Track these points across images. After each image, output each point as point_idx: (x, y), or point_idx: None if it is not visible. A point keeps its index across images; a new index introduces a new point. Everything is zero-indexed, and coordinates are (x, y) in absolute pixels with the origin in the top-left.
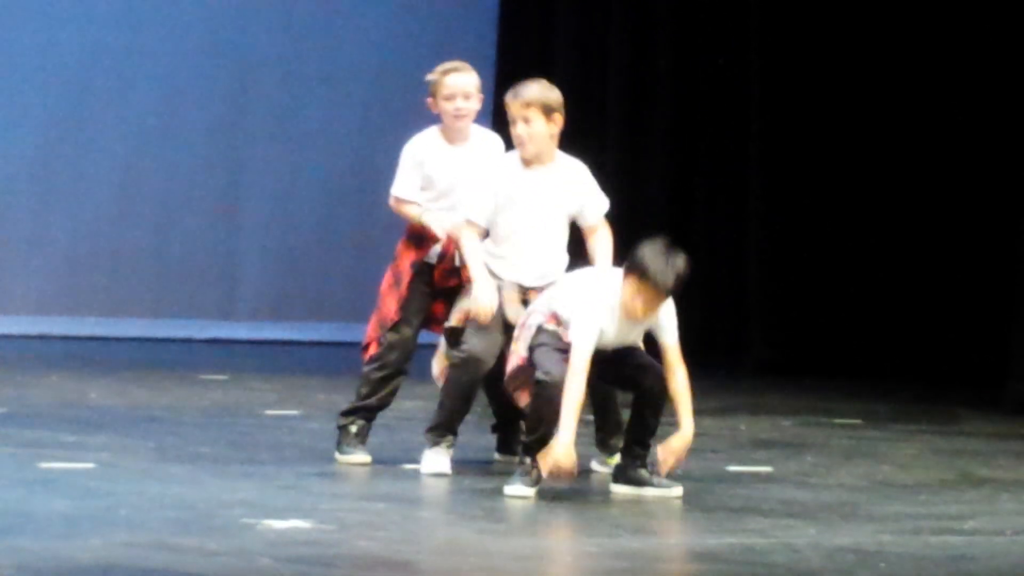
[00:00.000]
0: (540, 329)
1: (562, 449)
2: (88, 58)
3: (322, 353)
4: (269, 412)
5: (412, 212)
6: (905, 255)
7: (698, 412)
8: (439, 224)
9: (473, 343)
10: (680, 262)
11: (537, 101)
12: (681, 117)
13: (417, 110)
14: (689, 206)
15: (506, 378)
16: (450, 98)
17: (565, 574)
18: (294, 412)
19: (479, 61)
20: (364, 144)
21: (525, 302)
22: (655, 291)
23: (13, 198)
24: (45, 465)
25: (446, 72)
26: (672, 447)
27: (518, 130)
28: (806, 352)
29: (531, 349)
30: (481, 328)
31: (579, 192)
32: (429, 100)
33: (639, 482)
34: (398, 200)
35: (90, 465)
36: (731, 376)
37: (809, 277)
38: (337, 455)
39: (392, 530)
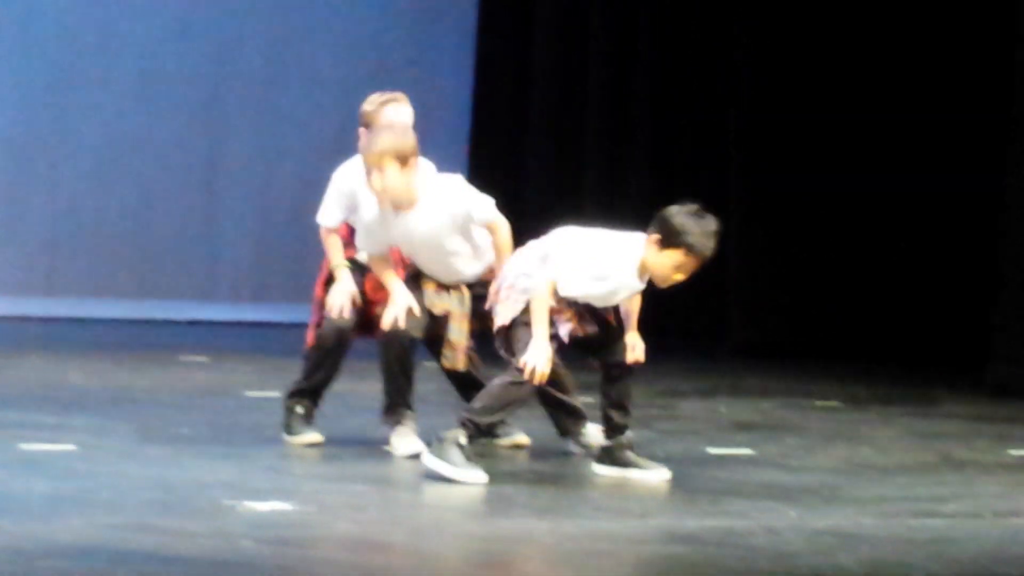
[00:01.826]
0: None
1: (544, 352)
2: (66, 39)
3: (302, 334)
4: (250, 393)
5: (332, 256)
6: (886, 238)
7: (679, 394)
8: (339, 288)
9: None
10: (714, 225)
11: (390, 150)
12: (662, 100)
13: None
14: (670, 189)
15: (495, 336)
16: (390, 127)
17: (546, 556)
18: (274, 393)
19: (458, 59)
20: (343, 125)
21: (446, 287)
22: (698, 260)
23: None
24: (26, 447)
25: (384, 103)
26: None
27: (373, 182)
28: (786, 334)
29: (515, 324)
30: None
31: (457, 210)
32: (361, 130)
33: (625, 464)
34: (325, 230)
35: (71, 446)
36: (711, 358)
37: (789, 260)
38: (286, 437)
39: (373, 511)
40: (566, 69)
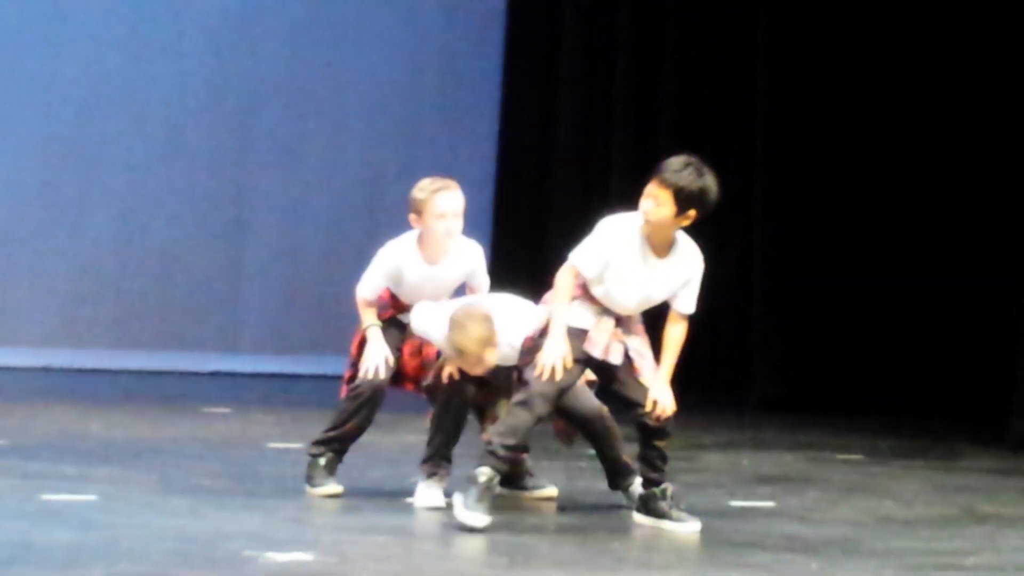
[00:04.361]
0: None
1: (560, 348)
2: (91, 90)
3: (325, 386)
4: (272, 445)
5: (365, 318)
6: (908, 292)
7: (701, 447)
8: (372, 349)
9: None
10: (711, 177)
11: (486, 342)
12: (685, 144)
13: (420, 146)
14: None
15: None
16: (442, 216)
17: None
18: (297, 445)
19: (483, 93)
20: (368, 177)
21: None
22: (703, 215)
23: (17, 231)
24: (48, 497)
25: (436, 191)
26: (657, 393)
27: (475, 367)
28: (809, 387)
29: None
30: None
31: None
32: (412, 216)
33: (659, 515)
34: (362, 300)
35: (92, 497)
36: (734, 411)
37: (812, 313)
38: (308, 488)
39: (394, 563)
40: (591, 120)
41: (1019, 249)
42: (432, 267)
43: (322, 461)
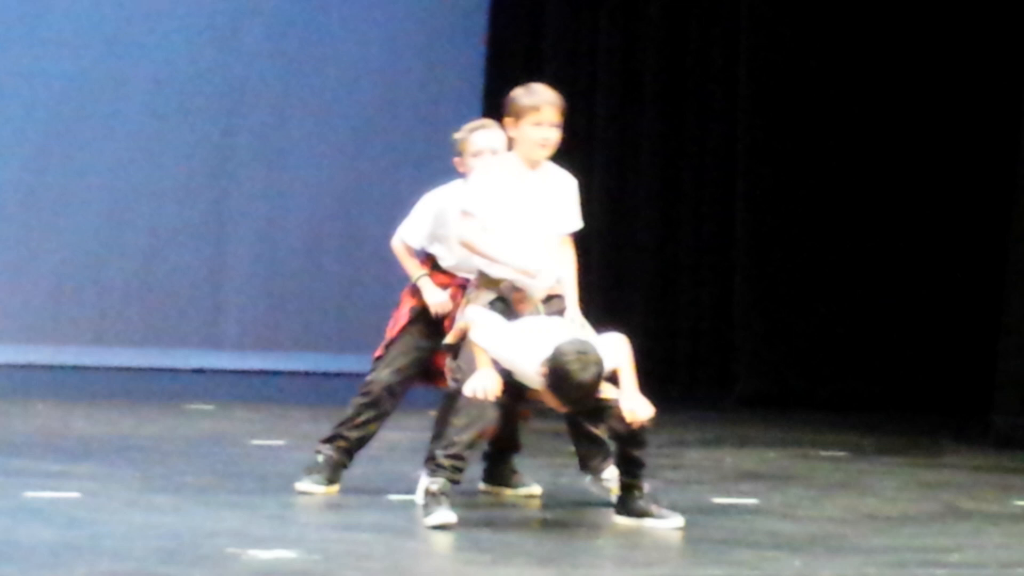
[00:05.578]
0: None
1: (487, 374)
2: (74, 87)
3: (308, 383)
4: (254, 442)
5: (412, 270)
6: (891, 289)
7: (684, 444)
8: (432, 295)
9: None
10: (587, 376)
11: (563, 110)
12: (668, 145)
13: (402, 140)
14: (676, 239)
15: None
16: (478, 155)
17: None
18: (280, 442)
19: (466, 89)
20: (351, 174)
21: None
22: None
23: None
24: (30, 494)
25: (473, 130)
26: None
27: (551, 135)
28: (792, 384)
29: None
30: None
31: (564, 203)
32: (456, 160)
33: (639, 514)
34: (406, 247)
35: (75, 494)
36: (717, 408)
37: (795, 310)
38: (297, 484)
39: (378, 560)
40: (572, 114)
41: (1001, 246)
42: None
43: (320, 459)
